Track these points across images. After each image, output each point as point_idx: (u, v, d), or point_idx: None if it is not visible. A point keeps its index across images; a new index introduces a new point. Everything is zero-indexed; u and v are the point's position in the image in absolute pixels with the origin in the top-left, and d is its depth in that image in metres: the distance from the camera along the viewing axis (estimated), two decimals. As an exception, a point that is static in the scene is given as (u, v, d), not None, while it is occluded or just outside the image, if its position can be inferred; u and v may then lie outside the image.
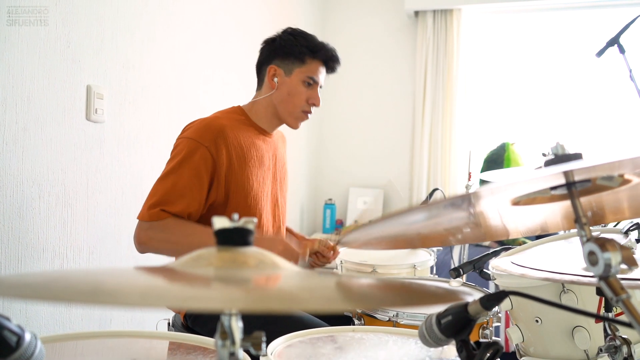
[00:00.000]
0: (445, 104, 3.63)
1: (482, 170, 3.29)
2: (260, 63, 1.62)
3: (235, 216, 0.58)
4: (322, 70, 1.57)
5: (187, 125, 1.53)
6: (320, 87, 1.59)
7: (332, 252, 1.51)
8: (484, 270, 1.69)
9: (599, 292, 0.95)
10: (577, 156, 0.61)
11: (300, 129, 1.66)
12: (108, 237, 1.81)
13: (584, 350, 1.19)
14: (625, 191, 0.79)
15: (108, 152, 1.80)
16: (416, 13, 3.74)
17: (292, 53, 1.53)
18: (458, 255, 2.64)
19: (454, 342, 0.78)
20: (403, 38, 3.85)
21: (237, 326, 0.56)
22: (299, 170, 3.60)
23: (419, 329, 0.80)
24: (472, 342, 0.73)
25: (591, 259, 0.58)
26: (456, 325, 0.74)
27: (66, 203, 1.63)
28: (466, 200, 0.70)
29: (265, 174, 1.55)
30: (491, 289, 2.27)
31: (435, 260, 1.97)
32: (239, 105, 1.60)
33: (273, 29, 1.63)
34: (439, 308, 0.74)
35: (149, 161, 2.01)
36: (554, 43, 3.55)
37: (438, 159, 3.64)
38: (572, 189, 0.61)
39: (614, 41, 2.12)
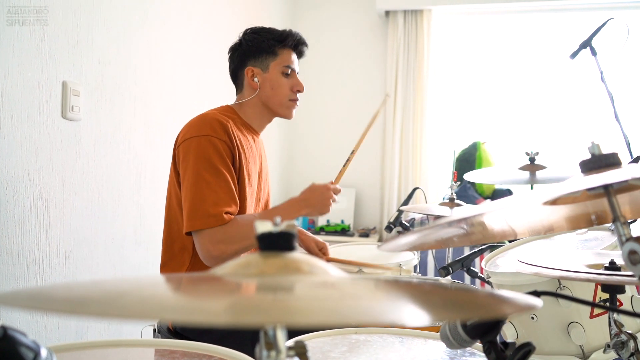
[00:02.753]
0: (416, 104, 3.66)
1: (455, 169, 3.34)
2: (234, 70, 1.60)
3: (278, 219, 0.55)
4: (294, 57, 1.58)
5: (187, 126, 1.44)
6: (297, 73, 1.59)
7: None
8: (471, 268, 1.72)
9: (605, 288, 0.97)
10: (613, 156, 0.62)
11: (271, 127, 1.65)
12: (84, 241, 1.73)
13: (579, 346, 1.21)
14: (627, 195, 0.80)
15: (84, 152, 1.72)
16: (387, 13, 3.76)
17: (263, 49, 1.52)
18: (433, 253, 2.67)
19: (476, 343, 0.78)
20: (374, 38, 3.86)
21: (282, 336, 0.53)
22: (270, 168, 3.55)
23: (441, 330, 0.79)
24: (499, 342, 0.72)
25: (632, 258, 0.58)
26: (483, 326, 0.73)
27: (41, 205, 1.55)
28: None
29: (256, 173, 1.53)
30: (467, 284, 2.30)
31: (419, 259, 1.98)
32: (229, 105, 1.56)
33: (244, 27, 1.61)
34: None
35: (126, 161, 1.94)
36: (523, 44, 3.64)
37: (409, 157, 3.67)
38: (609, 188, 0.61)
39: (587, 44, 2.18)
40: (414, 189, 2.20)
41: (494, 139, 3.43)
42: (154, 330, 1.49)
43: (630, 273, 0.89)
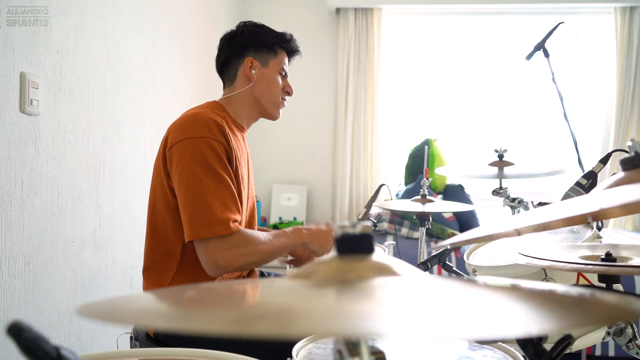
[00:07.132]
0: (367, 101, 3.70)
1: (408, 165, 3.42)
2: (227, 59, 1.53)
3: (354, 220, 0.53)
4: (287, 61, 1.59)
5: (180, 126, 1.34)
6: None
7: None
8: (447, 263, 1.76)
9: (602, 278, 1.02)
10: (654, 153, 0.64)
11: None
12: (44, 245, 1.60)
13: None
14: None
15: (43, 149, 1.59)
16: (338, 10, 3.76)
17: (265, 44, 1.50)
18: (399, 248, 2.71)
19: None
20: (325, 35, 3.86)
21: (365, 344, 0.51)
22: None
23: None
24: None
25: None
26: (518, 321, 0.74)
27: (0, 208, 1.42)
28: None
29: (247, 174, 1.48)
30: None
31: (391, 255, 2.01)
32: (215, 101, 1.50)
33: (194, 20, 1.57)
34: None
35: (85, 159, 1.82)
36: (474, 45, 3.77)
37: (360, 154, 3.71)
38: (651, 185, 0.64)
39: (540, 46, 2.29)
40: (380, 186, 2.21)
41: (445, 136, 3.53)
42: (131, 338, 1.41)
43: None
